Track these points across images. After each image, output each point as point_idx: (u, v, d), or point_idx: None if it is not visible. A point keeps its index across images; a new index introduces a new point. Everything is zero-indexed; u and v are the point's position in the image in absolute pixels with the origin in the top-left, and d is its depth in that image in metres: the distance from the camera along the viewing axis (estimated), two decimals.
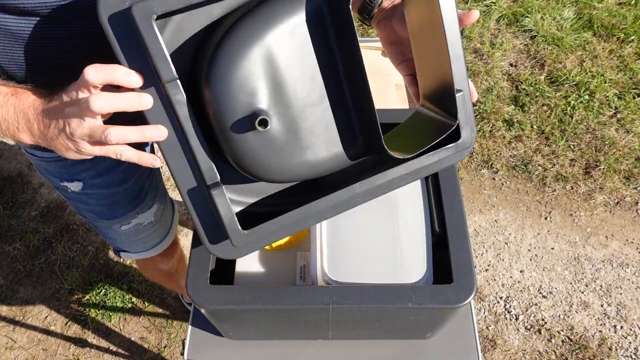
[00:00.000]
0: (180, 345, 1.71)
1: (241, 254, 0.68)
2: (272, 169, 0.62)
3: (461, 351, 0.87)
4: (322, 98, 0.61)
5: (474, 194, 2.00)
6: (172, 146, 0.59)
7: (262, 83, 0.57)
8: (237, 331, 0.84)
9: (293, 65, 0.58)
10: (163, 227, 1.17)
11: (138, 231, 1.10)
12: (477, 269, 1.82)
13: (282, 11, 0.56)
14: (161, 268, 1.33)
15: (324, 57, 0.59)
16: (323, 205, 0.64)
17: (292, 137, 0.60)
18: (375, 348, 0.88)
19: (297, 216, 0.63)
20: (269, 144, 0.60)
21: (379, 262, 0.89)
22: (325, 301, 0.69)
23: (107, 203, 1.00)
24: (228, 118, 0.57)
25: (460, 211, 0.77)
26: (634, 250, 1.84)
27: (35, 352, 1.71)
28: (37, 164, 0.94)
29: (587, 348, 1.65)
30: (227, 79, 0.56)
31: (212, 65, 0.56)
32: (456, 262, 0.71)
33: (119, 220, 1.04)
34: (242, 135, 0.58)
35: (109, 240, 1.14)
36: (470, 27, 2.43)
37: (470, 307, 0.91)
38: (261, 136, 0.59)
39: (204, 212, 0.63)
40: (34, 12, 0.65)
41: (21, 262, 1.89)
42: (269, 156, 0.60)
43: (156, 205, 1.10)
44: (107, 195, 0.99)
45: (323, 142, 0.63)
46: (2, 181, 2.11)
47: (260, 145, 0.59)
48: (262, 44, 0.56)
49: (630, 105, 2.16)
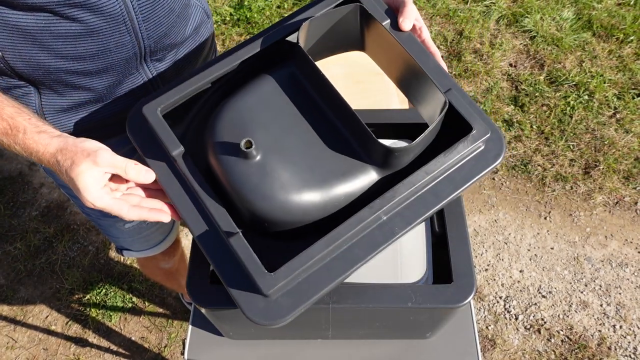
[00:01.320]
0: (181, 344, 1.72)
1: (282, 313, 0.60)
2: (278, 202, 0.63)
3: (461, 351, 0.87)
4: (314, 134, 0.67)
5: (474, 194, 2.01)
6: (191, 213, 0.64)
7: (255, 132, 0.66)
8: (237, 331, 0.84)
9: (281, 117, 0.67)
10: (165, 226, 1.18)
11: (141, 229, 1.10)
12: (476, 269, 1.83)
13: (265, 84, 0.69)
14: (162, 267, 1.34)
15: (307, 103, 0.68)
16: (347, 231, 0.60)
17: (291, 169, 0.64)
18: (375, 348, 0.88)
19: (324, 249, 0.59)
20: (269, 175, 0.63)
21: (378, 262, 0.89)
22: (325, 301, 0.69)
23: None
24: (226, 161, 0.64)
25: (460, 211, 0.77)
26: (633, 250, 1.85)
27: (36, 352, 1.71)
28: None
29: (587, 347, 1.65)
30: (225, 137, 0.65)
31: (214, 128, 0.66)
32: (456, 262, 0.72)
33: (122, 219, 1.04)
34: (237, 166, 0.64)
35: (112, 239, 1.15)
36: (470, 28, 2.44)
37: (470, 307, 0.91)
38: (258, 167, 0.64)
39: (238, 282, 0.61)
40: (42, 8, 0.65)
41: (22, 262, 1.89)
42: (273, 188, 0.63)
43: None
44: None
45: (326, 166, 0.65)
46: (3, 181, 2.11)
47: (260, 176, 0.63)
48: (252, 110, 0.67)
49: (629, 105, 2.17)
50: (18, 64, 0.71)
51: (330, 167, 0.65)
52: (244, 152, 0.62)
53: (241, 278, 0.61)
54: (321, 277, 0.61)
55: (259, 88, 0.69)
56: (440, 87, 0.64)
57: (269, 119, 0.67)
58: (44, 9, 0.66)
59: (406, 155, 0.65)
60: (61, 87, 0.78)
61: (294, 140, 0.66)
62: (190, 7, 0.85)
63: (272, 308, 0.60)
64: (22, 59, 0.71)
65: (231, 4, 2.59)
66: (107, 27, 0.71)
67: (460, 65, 2.32)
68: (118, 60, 0.77)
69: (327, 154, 0.65)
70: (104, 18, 0.70)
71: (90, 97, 0.81)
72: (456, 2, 2.57)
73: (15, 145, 0.68)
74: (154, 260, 1.29)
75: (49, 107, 0.81)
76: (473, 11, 2.51)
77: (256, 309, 0.60)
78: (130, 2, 0.71)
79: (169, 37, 0.81)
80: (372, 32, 0.69)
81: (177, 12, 0.80)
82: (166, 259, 1.30)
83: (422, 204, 0.63)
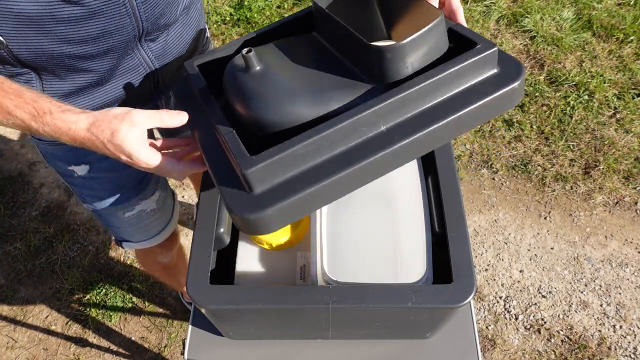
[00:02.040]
0: (181, 345, 1.72)
1: (264, 205, 0.58)
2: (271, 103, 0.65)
3: (461, 351, 0.87)
4: (318, 64, 0.70)
5: (474, 194, 2.01)
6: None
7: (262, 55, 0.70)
8: (237, 331, 0.84)
9: (291, 53, 0.72)
10: (164, 216, 1.19)
11: (141, 218, 1.12)
12: (476, 269, 1.83)
13: (284, 40, 0.77)
14: (161, 261, 1.34)
15: (320, 50, 0.73)
16: (338, 124, 0.59)
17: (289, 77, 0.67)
18: (375, 348, 0.88)
19: (310, 137, 0.58)
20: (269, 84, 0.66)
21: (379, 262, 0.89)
22: (325, 301, 0.69)
23: (112, 187, 1.03)
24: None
25: (460, 211, 0.77)
26: (633, 250, 1.85)
27: (36, 352, 1.71)
28: (45, 149, 0.97)
29: (587, 347, 1.65)
30: (236, 61, 0.72)
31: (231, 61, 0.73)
32: (456, 262, 0.71)
33: (123, 206, 1.07)
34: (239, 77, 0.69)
35: (112, 230, 1.16)
36: (470, 27, 2.43)
37: (470, 307, 0.91)
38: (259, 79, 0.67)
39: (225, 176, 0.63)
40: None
41: (22, 262, 1.89)
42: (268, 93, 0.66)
43: (158, 193, 1.12)
44: (112, 179, 1.01)
45: (324, 81, 0.67)
46: (3, 181, 2.11)
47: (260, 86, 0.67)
48: (264, 48, 0.74)
49: (629, 105, 2.17)
50: (22, 51, 0.72)
51: (327, 82, 0.66)
52: (245, 57, 0.66)
53: (231, 178, 0.62)
54: (310, 176, 0.60)
55: (277, 42, 0.75)
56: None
57: (279, 54, 0.72)
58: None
59: (400, 59, 0.62)
60: (63, 71, 0.79)
61: (296, 65, 0.69)
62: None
63: (254, 201, 0.59)
64: (26, 47, 0.71)
65: (231, 4, 2.59)
66: (108, 10, 0.73)
67: None
68: (118, 43, 0.79)
69: (326, 76, 0.67)
70: (106, 1, 0.72)
71: (91, 80, 0.83)
72: None
73: (45, 127, 0.68)
74: (153, 254, 1.29)
75: (50, 92, 0.82)
76: (473, 11, 2.51)
77: (239, 201, 0.60)
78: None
79: (163, 17, 0.83)
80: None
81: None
82: (164, 252, 1.30)
83: (426, 117, 0.61)
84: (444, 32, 0.64)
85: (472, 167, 2.07)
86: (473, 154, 2.09)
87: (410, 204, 0.86)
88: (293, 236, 0.84)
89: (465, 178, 2.04)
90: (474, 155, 2.09)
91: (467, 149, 2.10)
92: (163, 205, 1.16)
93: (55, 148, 0.95)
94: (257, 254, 0.86)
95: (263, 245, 0.85)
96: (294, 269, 0.84)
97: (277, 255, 0.85)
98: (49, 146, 0.96)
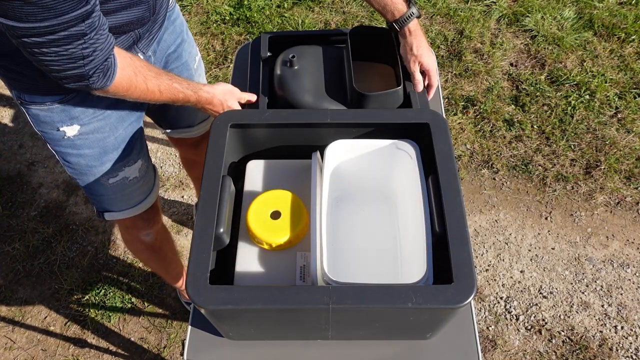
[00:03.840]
0: (180, 345, 1.71)
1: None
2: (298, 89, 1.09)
3: (461, 351, 0.86)
4: (330, 79, 1.13)
5: (474, 194, 2.00)
6: None
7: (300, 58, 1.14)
8: (237, 331, 0.84)
9: (320, 62, 1.16)
10: (146, 185, 1.23)
11: (124, 186, 1.16)
12: (477, 269, 1.82)
13: (324, 46, 1.19)
14: (144, 240, 1.37)
15: (338, 66, 1.15)
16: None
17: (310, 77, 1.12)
18: (375, 348, 0.87)
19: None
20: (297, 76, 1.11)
21: (379, 262, 0.89)
22: (325, 301, 0.68)
23: (98, 150, 1.07)
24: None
25: (460, 211, 0.76)
26: (634, 251, 1.84)
27: (35, 353, 1.71)
28: (36, 114, 1.00)
29: (588, 348, 1.64)
30: (283, 57, 1.15)
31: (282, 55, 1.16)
32: (456, 262, 0.71)
33: (107, 173, 1.11)
34: (283, 70, 1.12)
35: (95, 199, 1.19)
36: (471, 27, 2.43)
37: (471, 307, 0.91)
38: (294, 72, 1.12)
39: None
40: None
41: (20, 262, 1.89)
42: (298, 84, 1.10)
43: (140, 161, 1.17)
44: (99, 140, 1.06)
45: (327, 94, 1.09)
46: (2, 181, 2.11)
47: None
48: (305, 50, 1.17)
49: (631, 105, 2.16)
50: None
51: (328, 89, 1.09)
52: (290, 60, 1.11)
53: None
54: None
55: (318, 46, 1.18)
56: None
57: (313, 59, 1.15)
58: None
59: (369, 101, 1.03)
60: None
61: (318, 71, 1.12)
62: None
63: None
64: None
65: (231, 4, 2.58)
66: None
67: (461, 64, 2.31)
68: None
69: (329, 85, 1.10)
70: None
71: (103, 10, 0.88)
72: (457, 1, 2.56)
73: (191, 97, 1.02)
74: (135, 230, 1.33)
75: None
76: (474, 10, 2.51)
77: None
78: None
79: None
80: None
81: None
82: (146, 228, 1.33)
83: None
84: (399, 96, 1.07)
85: (472, 167, 2.06)
86: (474, 154, 2.09)
87: (410, 204, 0.86)
88: (293, 236, 0.83)
89: (465, 178, 2.03)
90: (474, 155, 2.08)
91: (468, 149, 2.10)
92: (145, 174, 1.21)
93: (48, 109, 0.98)
94: (257, 254, 0.85)
95: (263, 246, 0.84)
96: (294, 269, 0.84)
97: (277, 256, 0.85)
98: (40, 111, 0.99)
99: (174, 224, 1.98)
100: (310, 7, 2.56)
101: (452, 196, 0.78)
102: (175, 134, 1.39)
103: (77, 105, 1.00)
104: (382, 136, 0.87)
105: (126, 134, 1.11)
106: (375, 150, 0.89)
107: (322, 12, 2.54)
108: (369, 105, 1.03)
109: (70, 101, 0.99)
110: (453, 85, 2.26)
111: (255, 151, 0.97)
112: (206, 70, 2.35)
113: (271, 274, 0.83)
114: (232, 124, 0.88)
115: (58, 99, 0.98)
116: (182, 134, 1.38)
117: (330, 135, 0.89)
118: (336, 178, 0.91)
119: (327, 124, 0.88)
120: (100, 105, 1.03)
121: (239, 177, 0.95)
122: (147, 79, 0.92)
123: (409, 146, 0.86)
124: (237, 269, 0.84)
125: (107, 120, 1.06)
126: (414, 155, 0.85)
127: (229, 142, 0.86)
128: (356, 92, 1.02)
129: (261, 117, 0.89)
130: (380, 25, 2.21)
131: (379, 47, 1.15)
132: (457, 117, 2.17)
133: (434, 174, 0.81)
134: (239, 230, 0.88)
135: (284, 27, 2.47)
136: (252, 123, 0.89)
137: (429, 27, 2.45)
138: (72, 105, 1.00)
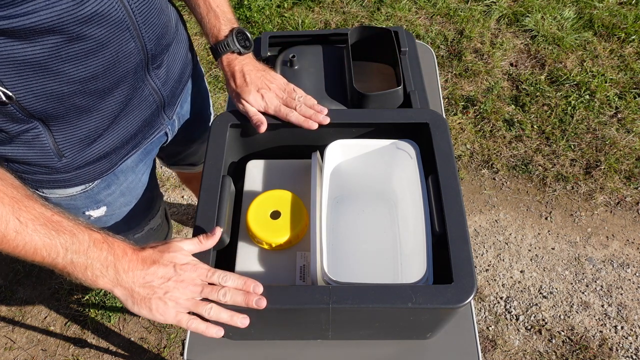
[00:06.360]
0: (180, 345, 1.71)
1: None
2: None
3: (461, 351, 0.86)
4: (331, 77, 1.11)
5: (474, 194, 2.00)
6: None
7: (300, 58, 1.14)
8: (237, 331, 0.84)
9: (320, 61, 1.15)
10: (166, 223, 1.21)
11: (149, 236, 1.12)
12: (477, 269, 1.82)
13: (324, 47, 1.18)
14: None
15: (339, 66, 1.14)
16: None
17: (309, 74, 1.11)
18: (375, 348, 0.87)
19: None
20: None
21: (379, 262, 0.88)
22: (325, 301, 0.68)
23: (125, 217, 1.03)
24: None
25: (460, 211, 0.76)
26: (634, 251, 1.84)
27: (35, 353, 1.71)
28: (58, 202, 0.91)
29: (588, 348, 1.64)
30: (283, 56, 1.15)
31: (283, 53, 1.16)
32: (456, 262, 0.71)
33: (133, 230, 1.07)
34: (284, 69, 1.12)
35: None
36: (471, 27, 2.43)
37: (471, 307, 0.90)
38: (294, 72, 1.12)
39: None
40: (50, 30, 0.63)
41: (20, 262, 1.89)
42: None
43: (161, 207, 1.14)
44: (126, 210, 1.02)
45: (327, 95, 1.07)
46: None
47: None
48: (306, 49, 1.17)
49: (631, 105, 2.16)
50: (31, 101, 0.69)
51: (328, 88, 1.08)
52: (290, 60, 1.10)
53: None
54: None
55: (319, 46, 1.18)
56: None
57: (313, 58, 1.14)
58: (52, 30, 0.63)
59: (366, 101, 1.01)
60: (74, 115, 0.76)
61: (319, 70, 1.11)
62: (165, 4, 0.86)
63: None
64: (33, 94, 0.69)
65: (231, 4, 2.59)
66: (113, 38, 0.71)
67: (461, 64, 2.31)
68: (127, 71, 0.77)
69: (329, 85, 1.09)
70: (110, 28, 0.69)
71: (104, 121, 0.81)
72: (457, 1, 2.56)
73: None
74: None
75: (64, 142, 0.79)
76: (474, 10, 2.51)
77: None
78: (129, 6, 0.71)
79: (164, 37, 0.83)
80: None
81: (164, 11, 0.82)
82: None
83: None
84: (399, 96, 1.04)
85: (472, 167, 2.06)
86: (474, 154, 2.09)
87: (410, 204, 0.86)
88: (293, 236, 0.83)
89: (465, 178, 2.03)
90: (474, 155, 2.08)
91: (468, 149, 2.10)
92: (165, 214, 1.18)
93: (72, 199, 0.91)
94: (257, 254, 0.85)
95: (263, 246, 0.84)
96: (294, 269, 0.83)
97: (277, 256, 0.85)
98: (63, 200, 0.91)
99: (174, 224, 1.97)
100: (310, 7, 2.56)
101: (452, 196, 0.77)
102: (176, 169, 1.33)
103: (102, 190, 0.93)
104: (382, 136, 0.87)
105: (150, 194, 1.06)
106: (375, 150, 0.89)
107: (322, 12, 2.54)
108: (369, 105, 1.02)
109: (94, 188, 0.91)
110: (453, 85, 2.26)
111: (255, 151, 0.97)
112: (206, 70, 2.35)
113: (271, 273, 0.83)
114: (232, 124, 0.88)
115: (81, 189, 0.90)
116: (184, 170, 1.32)
117: (330, 135, 0.89)
118: (336, 178, 0.91)
119: (327, 124, 0.88)
120: (126, 182, 0.96)
121: (238, 177, 0.95)
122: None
123: (409, 146, 0.86)
124: (237, 268, 0.84)
125: (133, 192, 1.00)
126: (414, 155, 0.85)
127: (228, 142, 0.87)
128: (356, 92, 1.02)
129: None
130: (380, 25, 2.20)
131: (379, 47, 1.15)
132: (457, 117, 2.17)
133: (434, 174, 0.81)
134: (239, 230, 0.88)
135: (284, 27, 2.47)
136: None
137: (429, 27, 2.45)
138: (96, 191, 0.92)
